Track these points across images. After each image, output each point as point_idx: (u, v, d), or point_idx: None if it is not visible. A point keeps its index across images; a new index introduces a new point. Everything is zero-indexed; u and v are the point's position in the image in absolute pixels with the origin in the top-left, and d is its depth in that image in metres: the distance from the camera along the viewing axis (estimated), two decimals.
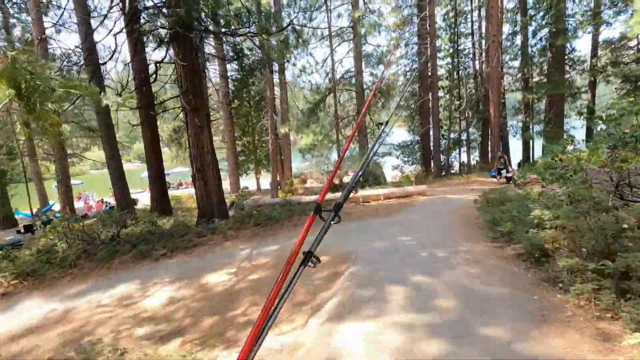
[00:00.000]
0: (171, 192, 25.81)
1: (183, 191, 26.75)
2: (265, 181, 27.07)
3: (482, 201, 7.46)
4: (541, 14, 21.57)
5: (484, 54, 24.51)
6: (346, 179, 21.34)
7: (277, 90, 20.86)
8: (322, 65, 22.68)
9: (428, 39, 20.25)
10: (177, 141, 18.07)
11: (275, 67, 21.94)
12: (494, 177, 11.92)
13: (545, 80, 21.50)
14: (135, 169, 42.16)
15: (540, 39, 22.79)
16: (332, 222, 1.06)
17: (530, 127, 24.54)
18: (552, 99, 22.04)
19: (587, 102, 22.88)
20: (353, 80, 21.67)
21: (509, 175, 11.54)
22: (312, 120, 23.21)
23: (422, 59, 21.06)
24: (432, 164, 22.34)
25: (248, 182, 28.80)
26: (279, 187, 22.54)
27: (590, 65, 21.46)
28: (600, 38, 21.24)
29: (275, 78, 21.09)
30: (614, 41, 19.34)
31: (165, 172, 32.16)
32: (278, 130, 19.93)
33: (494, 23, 18.27)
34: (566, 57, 21.15)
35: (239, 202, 11.29)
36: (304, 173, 18.91)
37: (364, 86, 21.47)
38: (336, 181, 20.08)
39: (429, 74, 21.27)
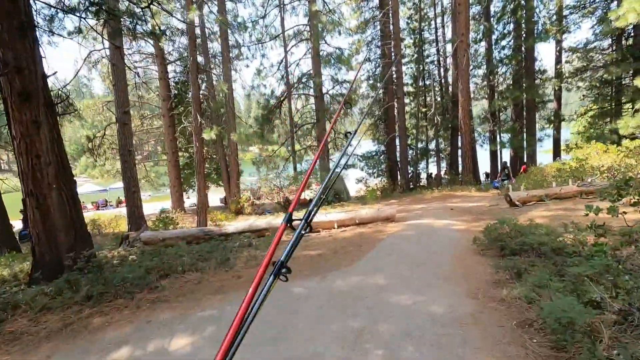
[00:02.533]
0: (101, 212, 21.20)
1: (120, 210, 22.14)
2: (215, 196, 23.14)
3: (488, 239, 4.33)
4: (505, 18, 19.73)
5: (450, 58, 22.42)
6: (307, 195, 18.02)
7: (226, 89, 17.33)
8: (278, 68, 19.52)
9: (392, 39, 17.63)
10: (91, 151, 13.93)
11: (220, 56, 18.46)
12: (497, 188, 9.93)
13: (512, 87, 19.56)
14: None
15: (504, 47, 21.06)
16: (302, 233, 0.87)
17: (498, 136, 22.66)
18: (519, 106, 20.19)
19: (553, 110, 21.25)
20: (311, 84, 18.64)
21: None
22: (267, 129, 19.93)
23: (386, 60, 18.40)
24: (399, 177, 19.55)
25: (191, 199, 24.69)
26: (225, 204, 18.76)
27: (555, 73, 19.79)
28: (565, 44, 19.71)
29: (217, 77, 17.60)
30: (581, 47, 17.63)
31: (103, 188, 27.15)
32: (231, 138, 16.36)
33: (462, 21, 15.91)
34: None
35: (135, 236, 7.56)
36: (253, 189, 15.35)
37: (324, 90, 18.47)
38: (292, 197, 16.67)
39: (394, 77, 18.61)
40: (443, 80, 23.24)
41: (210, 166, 21.71)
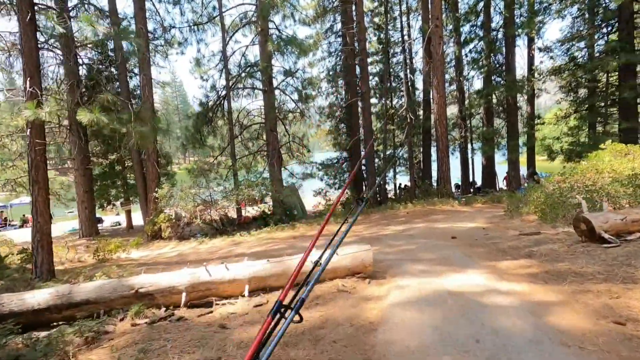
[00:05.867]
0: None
1: (21, 232, 16.35)
2: (138, 215, 18.05)
3: None
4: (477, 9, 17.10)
5: (416, 56, 19.61)
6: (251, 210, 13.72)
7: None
8: (221, 58, 15.36)
9: (355, 22, 14.20)
10: None
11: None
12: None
13: (489, 85, 16.83)
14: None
15: (471, 51, 18.58)
16: None
17: (470, 143, 20.00)
18: (490, 111, 17.57)
19: (526, 114, 18.85)
20: (259, 76, 14.63)
21: None
22: (206, 130, 15.62)
23: (348, 48, 14.89)
24: (364, 188, 15.92)
25: (121, 216, 19.39)
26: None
27: (529, 74, 17.35)
28: (541, 43, 17.45)
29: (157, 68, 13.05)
30: (562, 39, 15.30)
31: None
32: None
33: (437, 2, 12.84)
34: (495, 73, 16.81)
35: None
36: (174, 207, 10.87)
37: (274, 83, 14.53)
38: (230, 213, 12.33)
39: (357, 69, 15.16)
40: (410, 83, 20.28)
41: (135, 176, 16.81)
